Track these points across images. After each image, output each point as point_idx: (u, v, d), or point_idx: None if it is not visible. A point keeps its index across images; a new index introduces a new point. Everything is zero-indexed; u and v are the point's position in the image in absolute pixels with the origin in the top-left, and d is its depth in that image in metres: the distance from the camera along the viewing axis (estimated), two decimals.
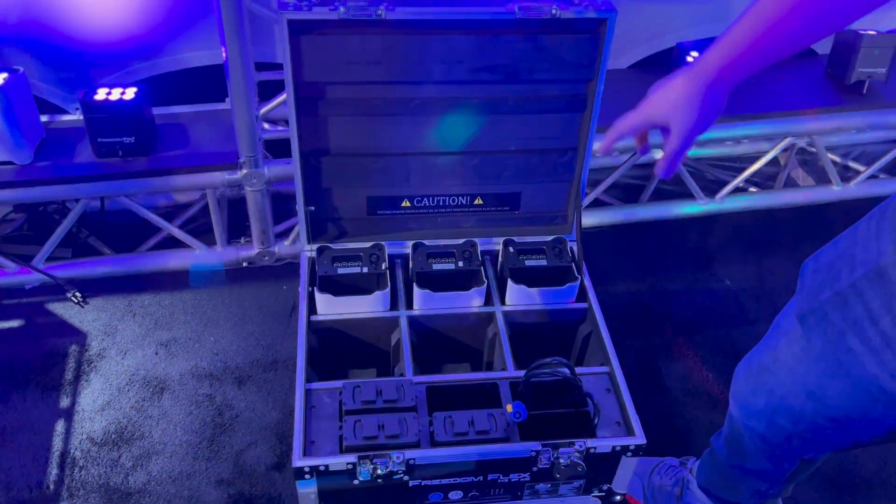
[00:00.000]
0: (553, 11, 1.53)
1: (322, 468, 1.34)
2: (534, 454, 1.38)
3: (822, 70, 2.42)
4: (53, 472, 1.72)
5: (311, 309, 1.67)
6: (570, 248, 1.79)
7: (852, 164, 2.72)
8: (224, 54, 1.80)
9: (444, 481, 1.42)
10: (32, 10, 2.01)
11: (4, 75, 1.87)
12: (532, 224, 1.85)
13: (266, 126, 2.18)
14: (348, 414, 1.40)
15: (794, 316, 1.10)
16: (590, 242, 2.17)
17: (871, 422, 1.08)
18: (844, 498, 1.73)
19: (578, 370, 1.50)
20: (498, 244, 1.79)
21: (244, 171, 2.00)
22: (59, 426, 1.82)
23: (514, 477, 1.44)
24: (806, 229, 2.51)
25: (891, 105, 2.31)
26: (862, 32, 2.23)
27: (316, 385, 1.50)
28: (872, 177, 2.57)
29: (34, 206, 2.23)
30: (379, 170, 1.73)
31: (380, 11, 1.48)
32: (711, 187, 2.48)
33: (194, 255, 2.21)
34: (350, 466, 1.33)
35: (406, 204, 1.80)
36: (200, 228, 2.29)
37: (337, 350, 1.71)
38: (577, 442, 1.38)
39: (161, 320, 2.10)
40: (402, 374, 1.57)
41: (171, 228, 2.15)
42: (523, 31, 1.57)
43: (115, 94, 1.91)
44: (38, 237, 2.18)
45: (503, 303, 1.73)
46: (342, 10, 1.48)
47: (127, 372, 1.95)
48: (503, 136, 1.72)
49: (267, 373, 1.96)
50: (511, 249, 1.76)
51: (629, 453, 1.41)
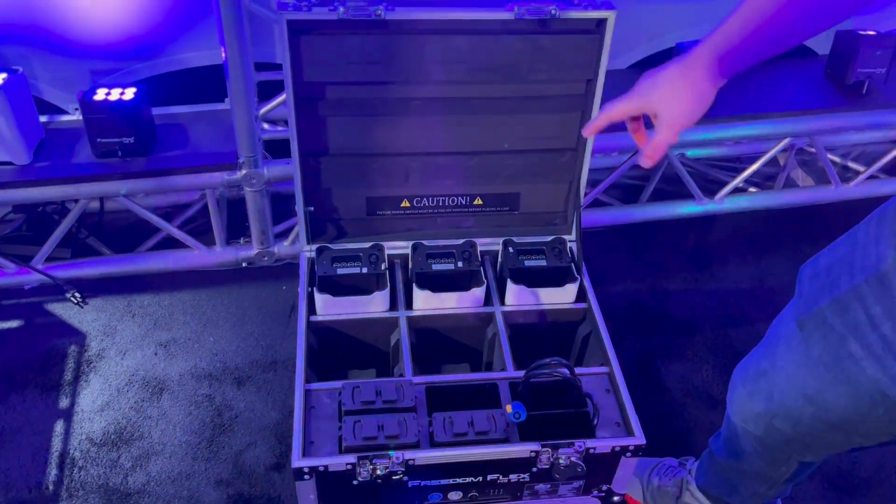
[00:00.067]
0: (552, 11, 1.52)
1: (321, 469, 1.33)
2: (533, 455, 1.38)
3: (822, 70, 2.42)
4: (53, 472, 1.72)
5: (311, 309, 1.67)
6: (570, 248, 1.79)
7: (852, 165, 2.72)
8: (223, 54, 1.80)
9: (443, 482, 1.42)
10: (32, 10, 2.01)
11: (3, 75, 1.87)
12: (531, 224, 1.85)
13: (265, 126, 2.18)
14: (348, 414, 1.40)
15: (793, 321, 1.10)
16: (589, 243, 2.17)
17: (872, 426, 1.07)
18: (844, 498, 1.73)
19: (578, 370, 1.50)
20: (497, 244, 1.78)
21: (243, 171, 2.00)
22: (59, 426, 1.82)
23: (513, 477, 1.44)
24: (805, 229, 2.51)
25: (890, 105, 2.31)
26: (862, 33, 2.22)
27: (315, 385, 1.50)
28: (872, 177, 2.56)
29: (33, 207, 2.23)
30: (378, 170, 1.73)
31: (379, 11, 1.48)
32: (711, 187, 2.48)
33: (193, 256, 2.20)
34: (349, 467, 1.33)
35: (406, 204, 1.80)
36: (200, 229, 2.29)
37: (336, 350, 1.71)
38: (577, 442, 1.37)
39: (160, 321, 2.10)
40: (401, 375, 1.57)
41: (170, 229, 2.15)
42: (522, 31, 1.56)
43: (115, 94, 1.90)
44: (37, 237, 2.18)
45: (503, 303, 1.73)
46: (341, 10, 1.48)
47: (126, 372, 1.95)
48: (503, 136, 1.72)
49: (266, 373, 1.96)
50: (510, 250, 1.76)
51: (629, 454, 1.41)
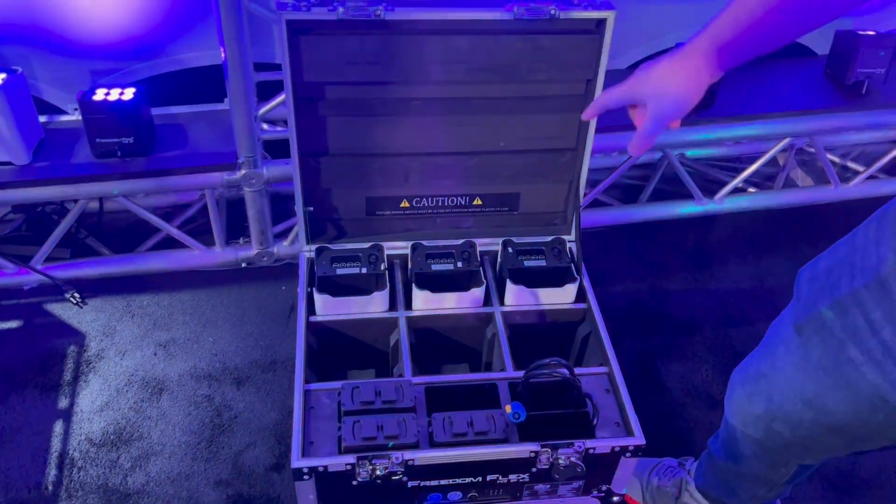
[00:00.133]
0: (552, 11, 1.52)
1: (321, 469, 1.33)
2: (533, 455, 1.38)
3: (822, 70, 2.42)
4: (52, 472, 1.72)
5: (310, 309, 1.67)
6: (570, 248, 1.79)
7: (851, 165, 2.72)
8: (223, 55, 1.80)
9: (442, 482, 1.41)
10: (31, 10, 2.01)
11: (3, 75, 1.86)
12: (531, 224, 1.85)
13: (265, 126, 2.18)
14: (347, 415, 1.39)
15: (791, 325, 1.09)
16: (589, 243, 2.17)
17: (872, 430, 1.07)
18: (844, 499, 1.73)
19: (577, 371, 1.50)
20: (497, 245, 1.78)
21: (243, 171, 2.00)
22: (58, 427, 1.82)
23: (513, 478, 1.44)
24: (805, 230, 2.51)
25: (890, 105, 2.31)
26: (861, 33, 2.22)
27: (315, 386, 1.50)
28: (872, 177, 2.56)
29: (32, 207, 2.23)
30: (378, 170, 1.73)
31: (378, 12, 1.48)
32: (710, 188, 2.48)
33: (193, 256, 2.20)
34: (349, 467, 1.33)
35: (405, 204, 1.80)
36: (199, 229, 2.29)
37: (336, 351, 1.71)
38: (577, 443, 1.37)
39: (160, 321, 2.10)
40: (400, 375, 1.57)
41: (169, 229, 2.15)
42: (522, 31, 1.56)
43: (114, 94, 1.90)
44: (36, 238, 2.18)
45: (502, 303, 1.73)
46: (341, 10, 1.48)
47: (126, 373, 1.95)
48: (502, 136, 1.71)
49: (266, 373, 1.96)
50: (510, 250, 1.75)
51: (628, 454, 1.41)
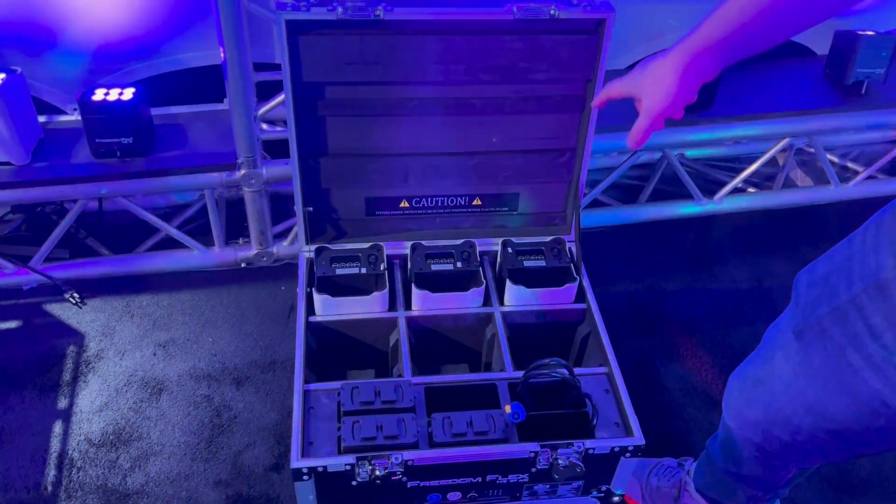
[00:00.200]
0: (552, 12, 1.52)
1: (320, 469, 1.33)
2: (532, 455, 1.38)
3: (821, 70, 2.42)
4: (51, 472, 1.72)
5: (310, 310, 1.67)
6: (569, 248, 1.79)
7: (851, 165, 2.72)
8: (222, 55, 1.80)
9: (442, 482, 1.42)
10: (31, 11, 2.01)
11: (2, 76, 1.86)
12: (531, 224, 1.85)
13: (264, 126, 2.18)
14: (346, 415, 1.40)
15: (790, 330, 1.09)
16: (588, 243, 2.17)
17: (873, 435, 1.07)
18: (842, 498, 1.73)
19: (577, 371, 1.50)
20: (496, 245, 1.78)
21: (242, 171, 2.00)
22: (57, 427, 1.81)
23: (512, 478, 1.44)
24: (804, 230, 2.51)
25: (889, 105, 2.31)
26: (860, 33, 2.22)
27: (314, 386, 1.50)
28: (871, 177, 2.57)
29: (32, 207, 2.23)
30: (377, 170, 1.73)
31: (378, 12, 1.48)
32: (710, 188, 2.48)
33: (192, 256, 2.20)
34: (348, 467, 1.33)
35: (404, 204, 1.80)
36: (199, 229, 2.29)
37: (335, 351, 1.71)
38: (576, 443, 1.37)
39: (159, 321, 2.10)
40: (400, 375, 1.57)
41: (169, 229, 2.15)
42: (522, 31, 1.56)
43: (113, 94, 1.90)
44: (35, 238, 2.18)
45: (502, 303, 1.73)
46: (340, 10, 1.48)
47: (125, 373, 1.95)
48: (502, 136, 1.71)
49: (265, 374, 1.96)
50: (510, 250, 1.75)
51: (628, 454, 1.41)
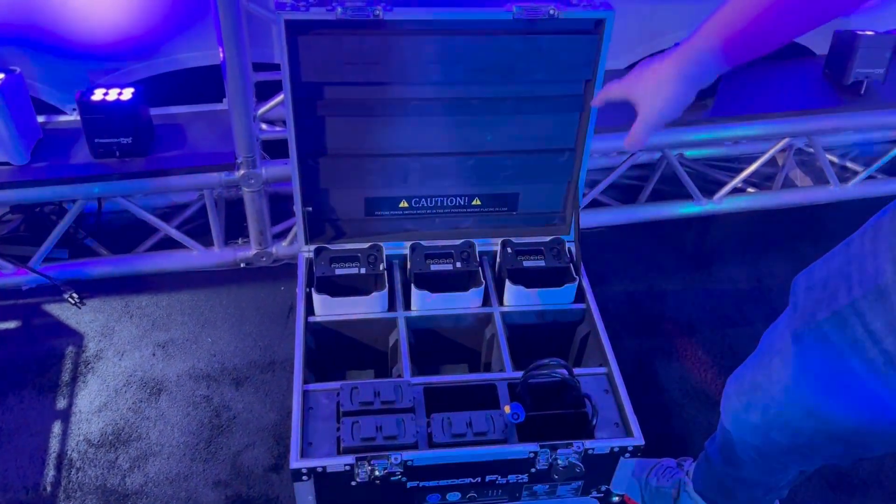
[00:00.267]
0: (551, 11, 1.52)
1: (319, 470, 1.33)
2: (532, 455, 1.38)
3: (820, 70, 2.42)
4: (50, 473, 1.71)
5: (309, 310, 1.66)
6: (569, 248, 1.79)
7: (850, 165, 2.72)
8: (221, 55, 1.79)
9: (442, 483, 1.41)
10: (30, 11, 2.01)
11: (2, 76, 1.86)
12: (530, 225, 1.85)
13: (264, 126, 2.18)
14: (346, 415, 1.39)
15: (788, 334, 1.09)
16: (588, 243, 2.17)
17: (873, 439, 1.07)
18: (843, 498, 1.73)
19: (576, 371, 1.50)
20: (496, 245, 1.78)
21: (241, 171, 1.99)
22: (56, 427, 1.81)
23: (512, 478, 1.43)
24: (804, 230, 2.51)
25: (889, 105, 2.31)
26: (860, 33, 2.22)
27: (313, 386, 1.50)
28: (870, 177, 2.57)
29: (31, 207, 2.23)
30: (377, 170, 1.73)
31: (377, 12, 1.48)
32: (709, 188, 2.48)
33: (192, 256, 2.20)
34: (348, 468, 1.33)
35: (404, 205, 1.80)
36: (198, 229, 2.29)
37: (335, 351, 1.71)
38: (576, 443, 1.37)
39: (158, 321, 2.10)
40: (399, 375, 1.57)
41: (168, 229, 2.15)
42: (521, 31, 1.56)
43: (112, 94, 1.90)
44: (34, 238, 2.17)
45: (501, 304, 1.72)
46: (340, 10, 1.48)
47: (124, 373, 1.95)
48: (501, 136, 1.71)
49: (264, 374, 1.96)
50: (509, 250, 1.75)
51: (627, 454, 1.41)
